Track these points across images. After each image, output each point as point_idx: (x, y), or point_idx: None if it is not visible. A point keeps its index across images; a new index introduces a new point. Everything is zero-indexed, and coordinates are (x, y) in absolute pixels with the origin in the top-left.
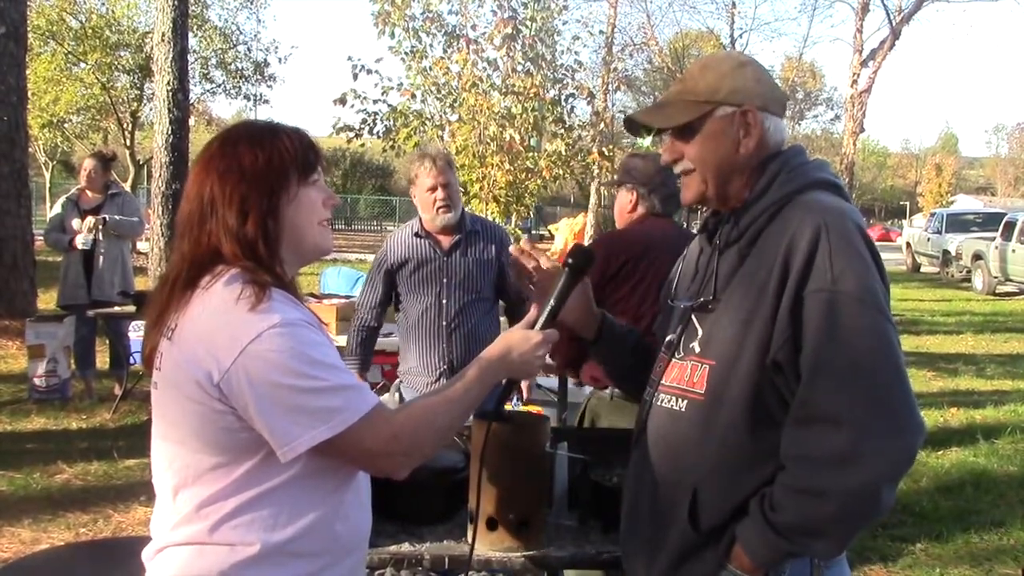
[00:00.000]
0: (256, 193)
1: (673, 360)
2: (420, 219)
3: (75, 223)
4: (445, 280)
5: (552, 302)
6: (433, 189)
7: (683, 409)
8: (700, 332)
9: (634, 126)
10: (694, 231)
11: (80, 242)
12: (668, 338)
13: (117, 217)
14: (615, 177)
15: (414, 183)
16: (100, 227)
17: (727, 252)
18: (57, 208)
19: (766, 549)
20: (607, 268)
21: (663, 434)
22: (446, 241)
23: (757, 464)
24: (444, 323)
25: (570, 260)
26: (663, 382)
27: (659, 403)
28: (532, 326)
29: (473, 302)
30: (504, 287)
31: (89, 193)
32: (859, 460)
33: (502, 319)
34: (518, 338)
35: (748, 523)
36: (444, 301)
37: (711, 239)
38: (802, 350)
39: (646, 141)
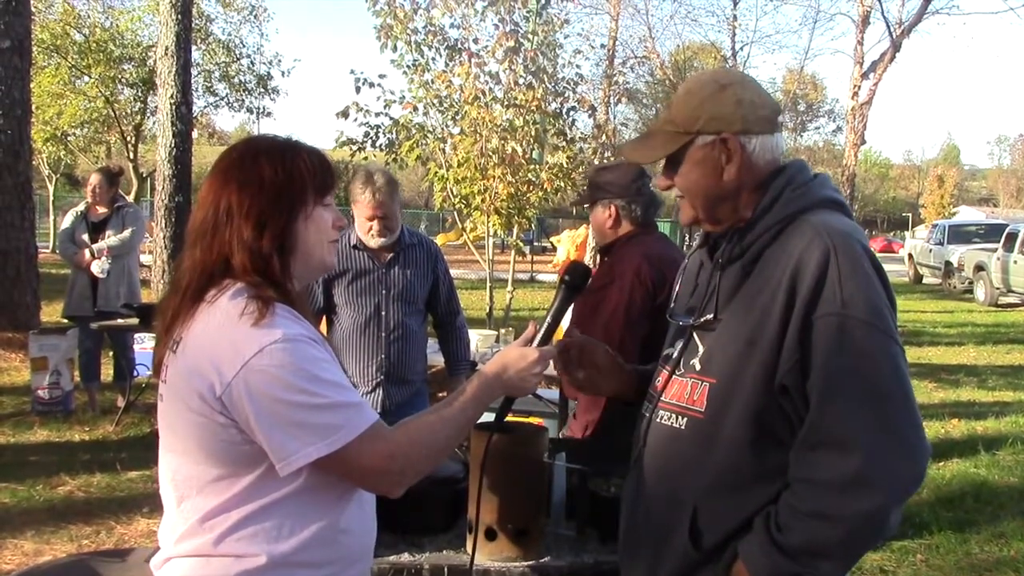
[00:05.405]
0: (275, 208)
1: (673, 376)
2: (357, 232)
3: (85, 239)
4: (385, 291)
5: (548, 319)
6: (371, 219)
7: (683, 427)
8: (701, 349)
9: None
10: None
11: (97, 271)
12: (667, 352)
13: (114, 241)
14: (583, 194)
15: (355, 201)
16: (106, 255)
17: (729, 269)
18: (67, 222)
19: (770, 568)
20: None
21: (662, 451)
22: (385, 254)
23: (759, 483)
24: (383, 334)
25: (566, 278)
26: (663, 398)
27: (659, 419)
28: (529, 343)
29: (410, 313)
30: (435, 299)
31: (97, 208)
32: (869, 485)
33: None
34: (515, 356)
35: (752, 541)
36: (384, 312)
37: (712, 254)
38: (811, 374)
39: None
